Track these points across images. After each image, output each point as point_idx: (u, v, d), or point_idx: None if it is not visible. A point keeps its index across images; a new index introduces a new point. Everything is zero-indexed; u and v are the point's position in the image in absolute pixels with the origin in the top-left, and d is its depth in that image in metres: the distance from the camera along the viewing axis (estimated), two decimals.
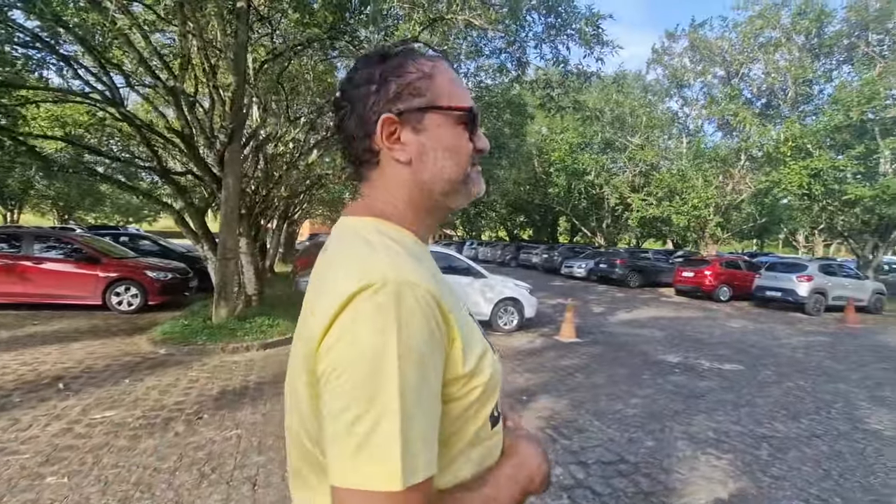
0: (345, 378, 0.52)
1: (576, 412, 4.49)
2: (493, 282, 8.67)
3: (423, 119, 0.67)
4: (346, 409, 0.51)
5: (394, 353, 0.51)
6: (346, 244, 0.64)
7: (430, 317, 0.55)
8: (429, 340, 0.55)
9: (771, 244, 47.97)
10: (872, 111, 12.45)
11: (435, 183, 0.68)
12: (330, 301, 0.54)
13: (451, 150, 0.68)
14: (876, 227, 14.46)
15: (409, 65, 0.68)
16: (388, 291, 0.53)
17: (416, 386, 0.52)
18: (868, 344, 8.82)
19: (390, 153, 0.68)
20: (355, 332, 0.52)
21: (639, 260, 19.86)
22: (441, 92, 0.68)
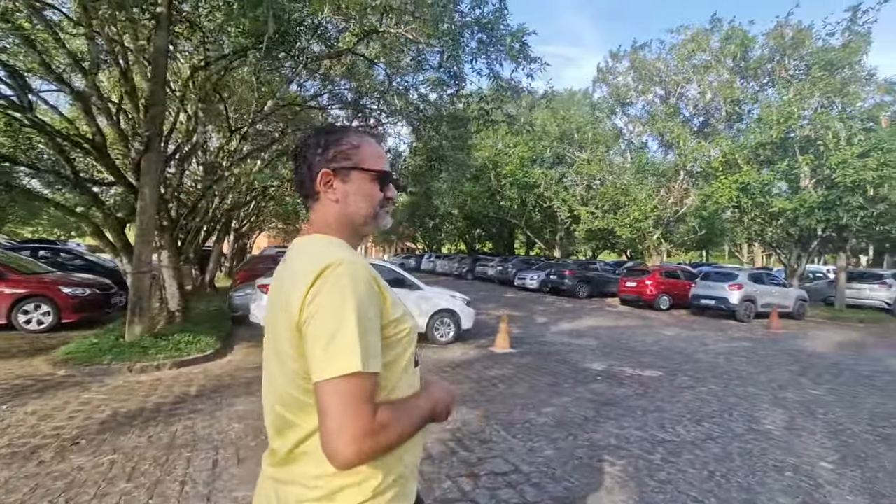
0: (321, 315, 0.82)
1: (485, 423, 4.46)
2: (429, 294, 8.63)
3: (350, 175, 1.02)
4: (323, 331, 0.81)
5: (351, 299, 0.83)
6: (308, 248, 0.97)
7: (371, 282, 0.89)
8: (370, 294, 0.87)
9: (717, 255, 50.66)
10: (791, 130, 13.40)
11: (354, 216, 1.03)
12: (306, 276, 0.85)
13: (366, 196, 1.03)
14: (798, 237, 15.45)
15: (345, 138, 1.04)
16: (345, 266, 0.85)
17: (365, 316, 0.84)
18: (785, 348, 9.31)
19: (325, 195, 1.02)
20: (326, 290, 0.83)
21: (587, 271, 20.41)
22: (363, 158, 1.03)
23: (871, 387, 6.36)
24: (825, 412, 5.15)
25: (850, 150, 12.18)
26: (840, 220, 12.73)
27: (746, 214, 15.21)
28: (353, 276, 0.84)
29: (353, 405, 0.79)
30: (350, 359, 0.79)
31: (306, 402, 0.88)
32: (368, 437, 0.79)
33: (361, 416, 0.79)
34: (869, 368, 7.53)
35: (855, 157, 11.98)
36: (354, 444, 0.78)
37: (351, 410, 0.79)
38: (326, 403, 0.79)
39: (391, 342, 0.93)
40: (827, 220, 12.98)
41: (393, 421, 0.85)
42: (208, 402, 4.81)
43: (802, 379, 6.69)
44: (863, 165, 11.76)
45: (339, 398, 0.79)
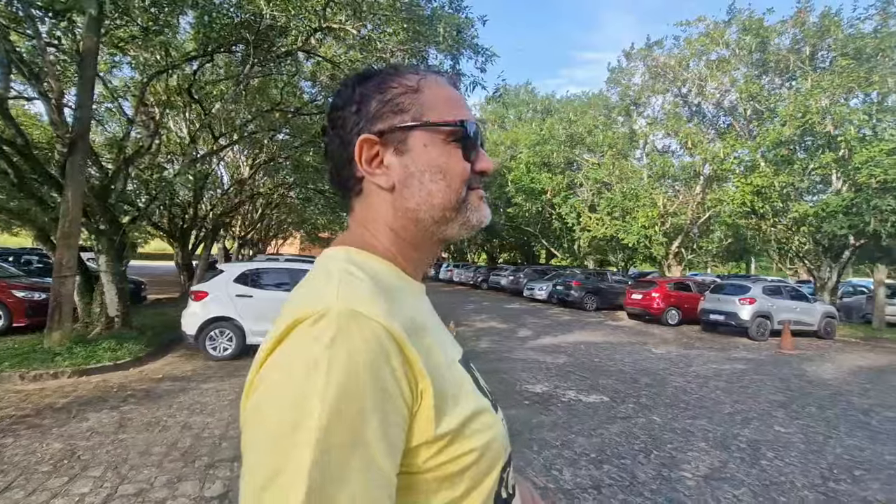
0: (257, 428, 0.43)
1: None
2: None
3: (408, 139, 0.59)
4: (256, 468, 0.41)
5: (316, 403, 0.40)
6: (314, 272, 0.57)
7: (381, 359, 0.44)
8: (373, 390, 0.42)
9: (765, 266, 46.95)
10: (811, 126, 11.95)
11: (422, 210, 0.59)
12: (269, 336, 0.47)
13: (441, 172, 0.59)
14: (828, 246, 13.78)
15: (392, 80, 0.61)
16: (327, 323, 0.44)
17: (341, 452, 0.40)
18: (784, 373, 8.08)
19: (371, 178, 0.60)
20: (279, 371, 0.43)
21: (597, 282, 19.23)
22: (428, 107, 0.59)
23: (859, 425, 5.23)
24: (775, 457, 4.18)
25: (879, 146, 10.67)
26: (867, 226, 11.16)
27: (765, 221, 13.72)
28: (338, 346, 0.43)
29: None
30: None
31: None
32: None
33: None
34: (873, 402, 6.31)
35: (884, 154, 10.46)
36: None
37: None
38: None
39: (444, 475, 0.48)
40: (851, 225, 11.42)
41: None
42: (59, 417, 4.45)
43: (778, 412, 5.63)
44: (893, 163, 10.24)
45: None
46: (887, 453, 4.37)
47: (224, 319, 7.27)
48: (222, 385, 5.79)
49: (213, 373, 6.42)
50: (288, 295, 0.56)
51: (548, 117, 23.57)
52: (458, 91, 0.64)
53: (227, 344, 7.26)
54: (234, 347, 7.26)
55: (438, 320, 0.64)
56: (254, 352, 0.51)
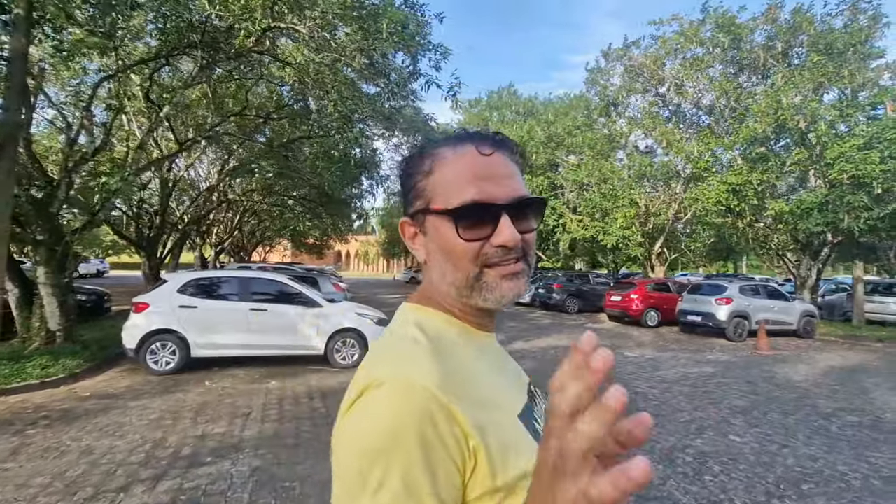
0: (336, 475, 0.50)
1: (251, 474, 3.53)
2: (330, 311, 7.76)
3: (425, 221, 0.65)
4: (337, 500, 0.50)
5: (380, 461, 0.47)
6: (384, 337, 0.64)
7: (427, 423, 0.49)
8: (420, 450, 0.48)
9: (757, 266, 46.85)
10: (784, 122, 11.79)
11: (444, 285, 0.63)
12: (347, 395, 0.54)
13: (446, 253, 0.62)
14: (806, 244, 13.62)
15: (417, 164, 0.66)
16: (386, 391, 0.50)
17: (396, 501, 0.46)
18: (754, 375, 7.83)
19: (413, 252, 0.68)
20: (344, 436, 0.51)
21: (578, 284, 19.00)
22: (436, 191, 0.63)
23: (819, 432, 4.97)
24: (721, 471, 3.90)
25: (850, 141, 10.50)
26: (840, 223, 10.98)
27: (742, 219, 13.54)
28: (394, 416, 0.48)
29: None
30: None
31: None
32: None
33: None
34: (838, 405, 6.06)
35: (855, 150, 10.30)
36: None
37: None
38: None
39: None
40: (825, 223, 11.23)
41: None
42: None
43: (737, 419, 5.36)
44: (864, 158, 10.07)
45: None
46: (841, 463, 4.11)
47: (167, 332, 6.92)
48: (152, 403, 5.45)
49: (150, 389, 6.07)
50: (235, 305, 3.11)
51: (529, 119, 23.39)
52: (481, 157, 0.62)
53: (169, 357, 6.91)
54: (178, 361, 6.91)
55: (505, 368, 0.68)
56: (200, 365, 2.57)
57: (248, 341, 7.25)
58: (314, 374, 7.13)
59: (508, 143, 0.66)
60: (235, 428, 4.66)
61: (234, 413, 5.15)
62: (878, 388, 6.99)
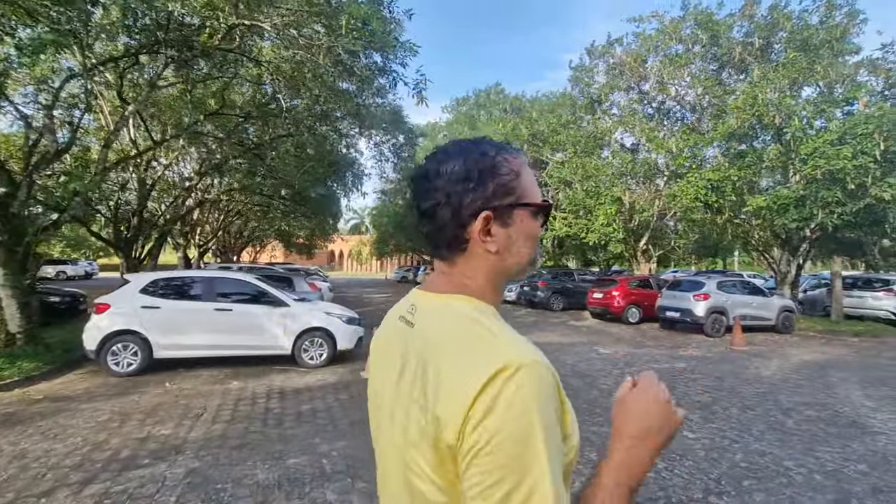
0: (495, 452, 0.57)
1: (186, 475, 3.46)
2: (297, 310, 7.69)
3: (512, 214, 0.75)
4: (500, 483, 0.56)
5: (539, 430, 0.58)
6: (456, 327, 0.69)
7: (554, 392, 0.63)
8: (555, 413, 0.62)
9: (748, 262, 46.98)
10: (760, 118, 11.79)
11: (514, 266, 0.77)
12: (467, 384, 0.60)
13: (531, 239, 0.77)
14: (786, 239, 13.65)
15: (503, 165, 0.75)
16: (527, 372, 0.60)
17: (555, 457, 0.59)
18: (724, 371, 7.82)
19: (483, 244, 0.73)
20: (502, 413, 0.58)
21: (563, 282, 19.00)
22: (526, 190, 0.76)
23: (774, 427, 4.95)
24: (665, 468, 3.86)
25: (823, 137, 10.51)
26: (814, 219, 11.00)
27: (720, 215, 13.55)
28: (537, 387, 0.60)
29: None
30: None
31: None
32: None
33: None
34: (800, 400, 6.05)
35: (828, 145, 10.30)
36: None
37: None
38: None
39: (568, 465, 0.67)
40: (801, 218, 11.24)
41: None
42: None
43: (695, 415, 5.33)
44: (836, 154, 10.08)
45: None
46: (788, 458, 4.09)
47: (128, 333, 6.83)
48: (105, 405, 5.37)
49: (106, 391, 5.98)
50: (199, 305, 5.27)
51: (515, 116, 23.34)
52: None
53: (131, 359, 6.81)
54: (140, 362, 6.82)
55: None
56: (164, 367, 3.54)
57: (213, 342, 7.16)
58: (279, 375, 7.06)
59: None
60: (182, 429, 4.59)
61: (186, 414, 5.08)
62: (845, 383, 7.00)
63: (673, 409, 0.71)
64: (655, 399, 0.71)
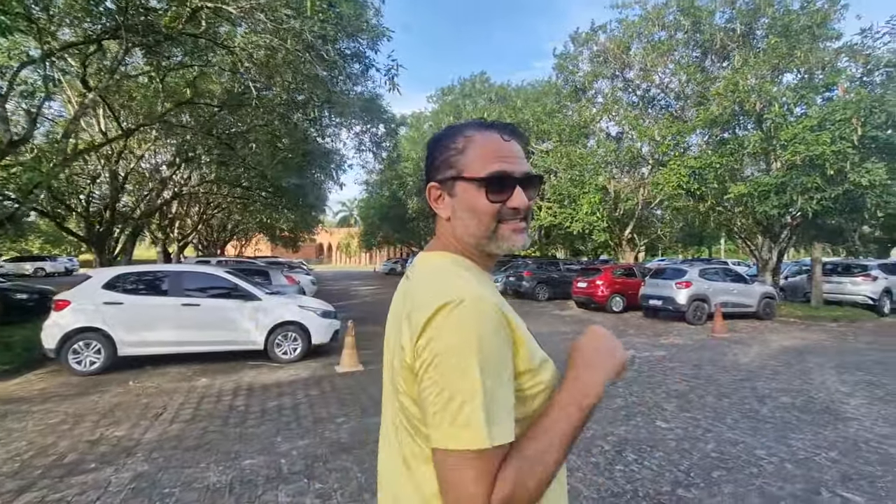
0: (436, 369, 0.68)
1: (137, 480, 3.27)
2: (269, 304, 7.47)
3: (455, 186, 0.85)
4: (441, 391, 0.67)
5: (474, 351, 0.67)
6: (430, 273, 0.83)
7: (498, 323, 0.72)
8: (497, 339, 0.70)
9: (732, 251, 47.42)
10: (741, 104, 11.73)
11: (465, 237, 0.86)
12: (421, 313, 0.71)
13: (472, 211, 0.84)
14: (767, 226, 13.68)
15: (450, 142, 0.87)
16: (467, 306, 0.70)
17: (491, 373, 0.68)
18: (704, 358, 7.78)
19: (437, 211, 0.89)
20: (443, 337, 0.69)
21: (548, 272, 18.95)
22: (467, 164, 0.84)
23: (748, 415, 4.89)
24: (636, 459, 3.76)
25: (802, 122, 10.47)
26: (794, 205, 11.01)
27: (703, 203, 13.53)
28: (475, 318, 0.69)
29: (470, 484, 0.65)
30: (470, 431, 0.65)
31: (421, 445, 0.76)
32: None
33: (479, 495, 0.65)
34: (777, 386, 6.01)
35: (807, 131, 10.27)
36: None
37: (470, 490, 0.65)
38: (441, 476, 0.69)
39: (524, 396, 0.76)
40: (781, 205, 11.24)
41: (523, 476, 0.67)
42: None
43: (671, 404, 5.26)
44: (815, 140, 10.05)
45: (454, 473, 0.66)
46: (760, 447, 4.01)
47: (91, 330, 6.57)
48: (59, 406, 5.14)
49: (64, 391, 5.74)
50: (165, 301, 6.36)
51: (499, 106, 23.12)
52: (503, 141, 0.85)
53: (94, 357, 6.56)
54: (103, 361, 6.57)
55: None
56: (132, 364, 4.82)
57: (181, 338, 6.93)
58: (251, 370, 6.86)
59: (520, 133, 0.88)
60: (138, 430, 4.39)
61: (145, 414, 4.87)
62: (821, 369, 7.00)
63: (619, 348, 0.84)
64: (603, 337, 0.85)
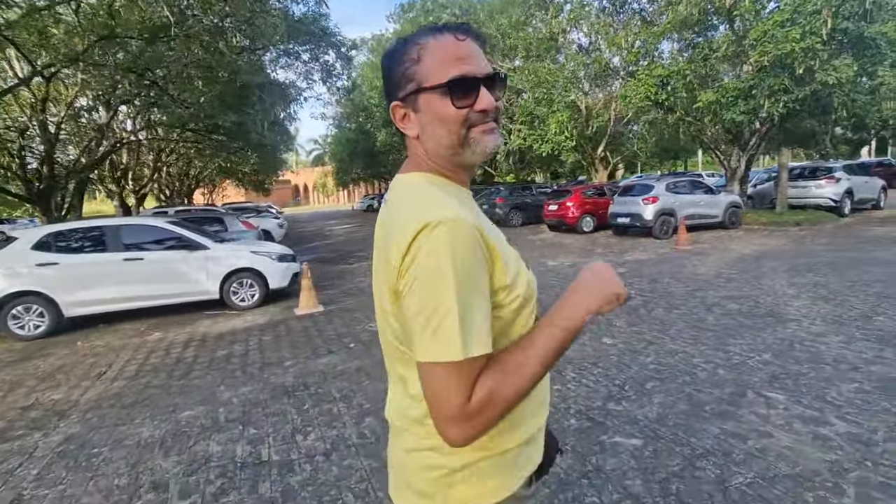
0: (417, 289, 0.71)
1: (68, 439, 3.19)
2: (219, 253, 7.20)
3: (418, 100, 0.82)
4: (422, 310, 0.71)
5: (450, 270, 0.69)
6: (407, 196, 0.82)
7: (475, 242, 0.73)
8: (475, 258, 0.72)
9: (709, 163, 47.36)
10: (708, 2, 10.99)
11: (439, 149, 0.84)
12: (402, 237, 0.73)
13: (440, 122, 0.81)
14: (735, 134, 13.45)
15: (404, 55, 0.82)
16: (443, 227, 0.71)
17: (468, 290, 0.71)
18: (661, 272, 7.87)
19: (404, 131, 0.87)
20: (421, 258, 0.71)
21: (521, 197, 18.72)
22: (425, 74, 0.80)
23: (694, 325, 4.96)
24: (575, 377, 3.80)
25: (773, 18, 9.90)
26: (761, 110, 10.72)
27: (672, 114, 13.13)
28: (452, 240, 0.71)
29: (449, 392, 0.71)
30: (448, 345, 0.70)
31: (409, 360, 0.81)
32: (472, 418, 0.71)
33: (457, 401, 0.70)
34: (727, 294, 6.11)
35: (777, 27, 9.73)
36: (457, 428, 0.72)
37: (446, 397, 0.71)
38: (424, 386, 0.74)
39: (502, 311, 0.80)
40: (747, 111, 10.94)
41: (499, 386, 0.73)
42: None
43: (621, 320, 5.30)
44: (785, 36, 9.55)
45: (436, 383, 0.72)
46: (698, 355, 4.08)
47: (28, 294, 6.28)
48: None
49: (7, 358, 5.57)
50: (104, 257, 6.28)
51: (464, 19, 21.51)
52: (460, 43, 0.80)
53: (37, 321, 6.34)
54: (49, 324, 6.35)
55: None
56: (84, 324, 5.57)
57: (127, 294, 6.69)
58: (208, 321, 6.74)
59: (475, 31, 0.84)
60: (77, 392, 4.29)
61: (88, 374, 4.76)
62: (774, 273, 7.13)
63: (612, 281, 0.83)
64: (600, 271, 0.85)
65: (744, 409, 3.10)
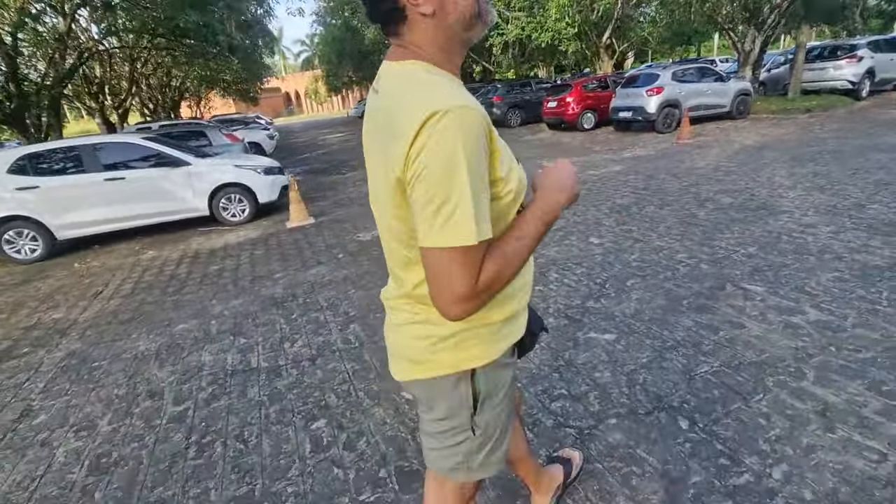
0: (428, 177, 0.72)
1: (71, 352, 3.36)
2: (202, 168, 7.01)
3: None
4: (433, 198, 0.73)
5: (462, 157, 0.71)
6: (409, 84, 0.81)
7: (481, 131, 0.75)
8: (480, 147, 0.74)
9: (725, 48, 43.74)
10: None
11: (459, 23, 0.83)
12: (407, 127, 0.73)
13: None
14: (753, 11, 12.20)
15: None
16: (453, 115, 0.71)
17: (476, 179, 0.73)
18: (658, 168, 7.62)
19: (416, 9, 0.81)
20: (432, 146, 0.71)
21: (520, 95, 17.68)
22: None
23: (684, 221, 4.88)
24: (557, 278, 3.83)
25: None
26: None
27: None
28: (462, 127, 0.72)
29: (461, 274, 0.75)
30: (462, 230, 0.73)
31: (409, 258, 0.89)
32: (476, 296, 0.78)
33: (468, 282, 0.76)
34: (721, 188, 5.94)
35: None
36: (464, 305, 0.78)
37: (458, 279, 0.76)
38: (433, 270, 0.77)
39: (498, 201, 0.84)
40: None
41: (502, 269, 0.80)
42: None
43: (610, 219, 5.24)
44: None
45: (447, 267, 0.75)
46: (683, 251, 4.06)
47: (16, 219, 6.25)
48: (0, 297, 5.13)
49: (8, 281, 5.71)
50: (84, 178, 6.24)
51: None
52: None
53: (32, 245, 6.38)
54: (44, 247, 6.41)
55: None
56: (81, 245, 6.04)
57: (114, 214, 6.64)
58: (201, 238, 6.76)
59: None
60: (76, 311, 4.42)
61: (85, 294, 4.88)
62: (774, 164, 6.88)
63: (573, 178, 0.95)
64: (566, 169, 0.97)
65: (720, 302, 3.13)
